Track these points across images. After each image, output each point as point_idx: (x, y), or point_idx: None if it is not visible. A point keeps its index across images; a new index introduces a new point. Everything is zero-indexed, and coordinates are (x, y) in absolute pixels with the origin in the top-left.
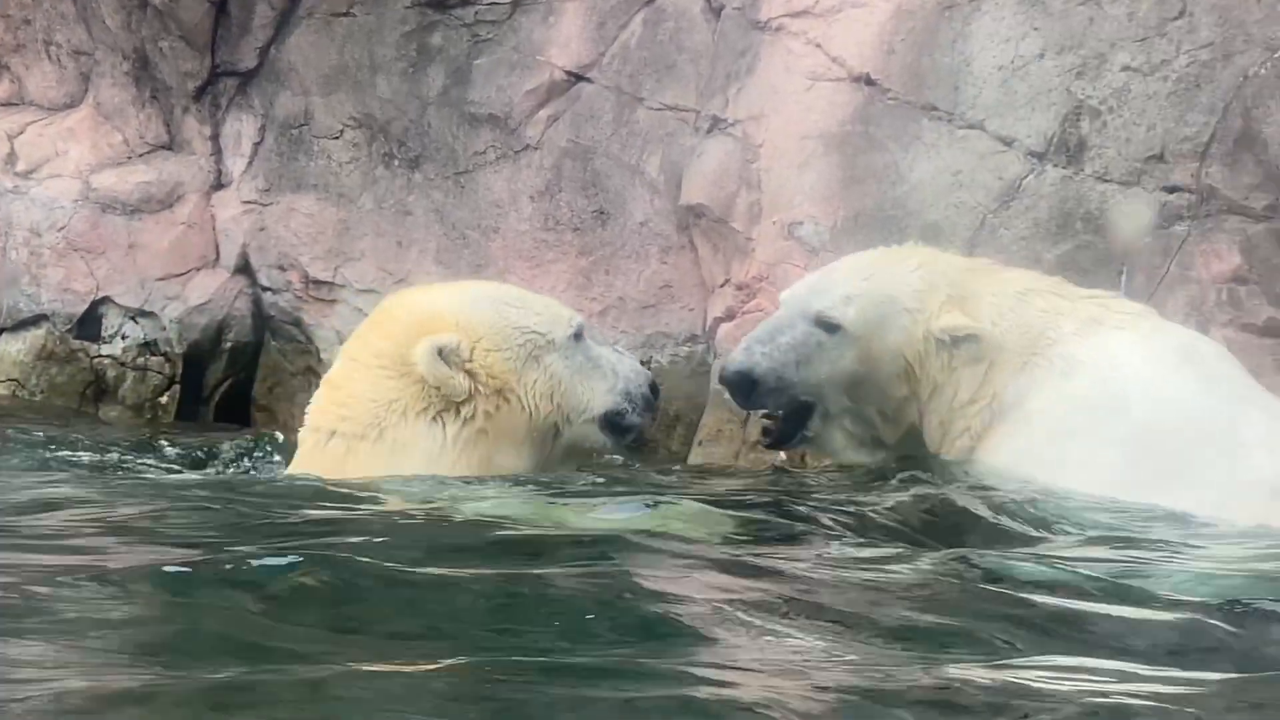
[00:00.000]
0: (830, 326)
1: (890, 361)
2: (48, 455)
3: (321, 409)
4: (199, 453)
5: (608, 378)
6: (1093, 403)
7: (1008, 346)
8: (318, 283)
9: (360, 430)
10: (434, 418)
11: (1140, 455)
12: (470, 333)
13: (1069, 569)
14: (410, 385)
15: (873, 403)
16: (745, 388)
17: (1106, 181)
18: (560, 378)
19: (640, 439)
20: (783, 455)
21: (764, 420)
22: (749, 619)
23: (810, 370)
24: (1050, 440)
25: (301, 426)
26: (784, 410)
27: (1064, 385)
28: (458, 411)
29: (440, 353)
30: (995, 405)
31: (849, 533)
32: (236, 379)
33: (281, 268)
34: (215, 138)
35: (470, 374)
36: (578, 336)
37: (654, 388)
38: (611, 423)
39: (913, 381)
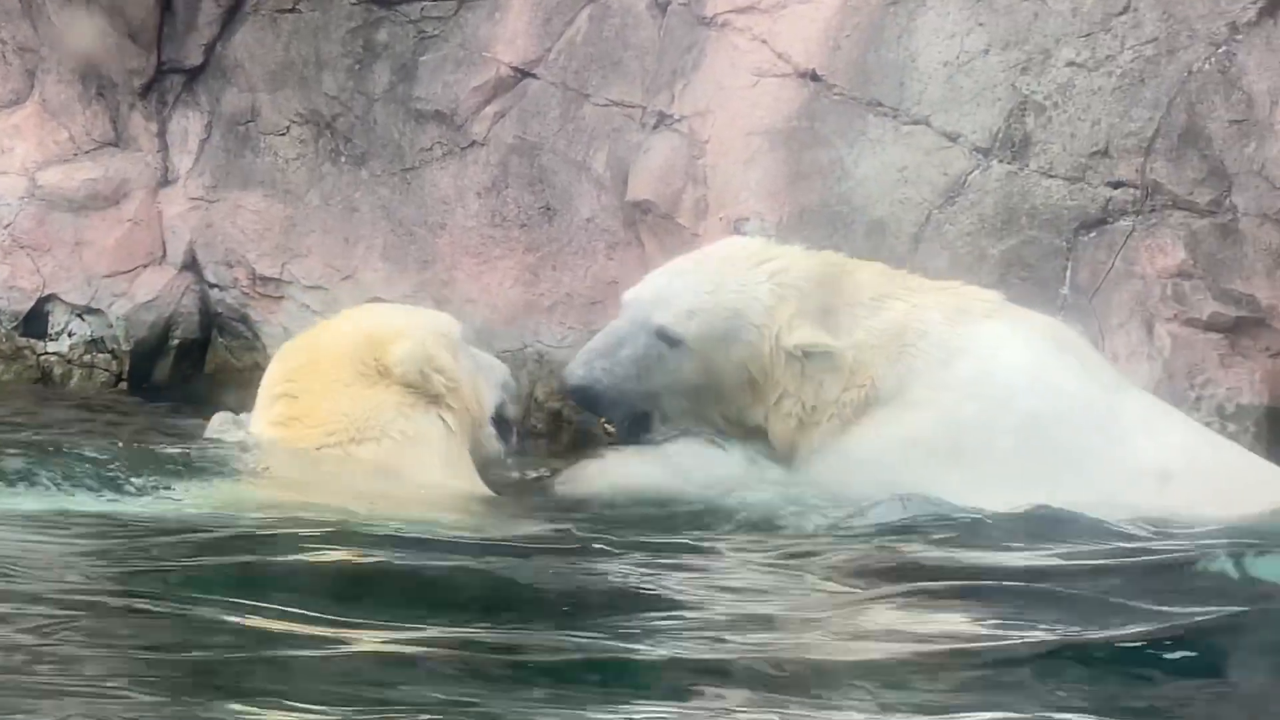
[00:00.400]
0: (671, 340)
1: (734, 373)
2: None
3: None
4: None
5: (493, 371)
6: (980, 391)
7: (873, 345)
8: (265, 279)
9: (355, 436)
10: (424, 410)
11: (1033, 445)
12: (419, 336)
13: None
14: (390, 389)
15: (715, 407)
16: (587, 402)
17: (1051, 177)
18: (471, 372)
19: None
20: None
21: (606, 424)
22: None
23: (650, 381)
24: (941, 429)
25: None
26: (626, 419)
27: (946, 373)
28: (440, 402)
29: (419, 354)
30: (871, 392)
31: None
32: (184, 376)
33: (228, 264)
34: (162, 134)
35: (439, 370)
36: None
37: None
38: (499, 418)
39: (758, 390)
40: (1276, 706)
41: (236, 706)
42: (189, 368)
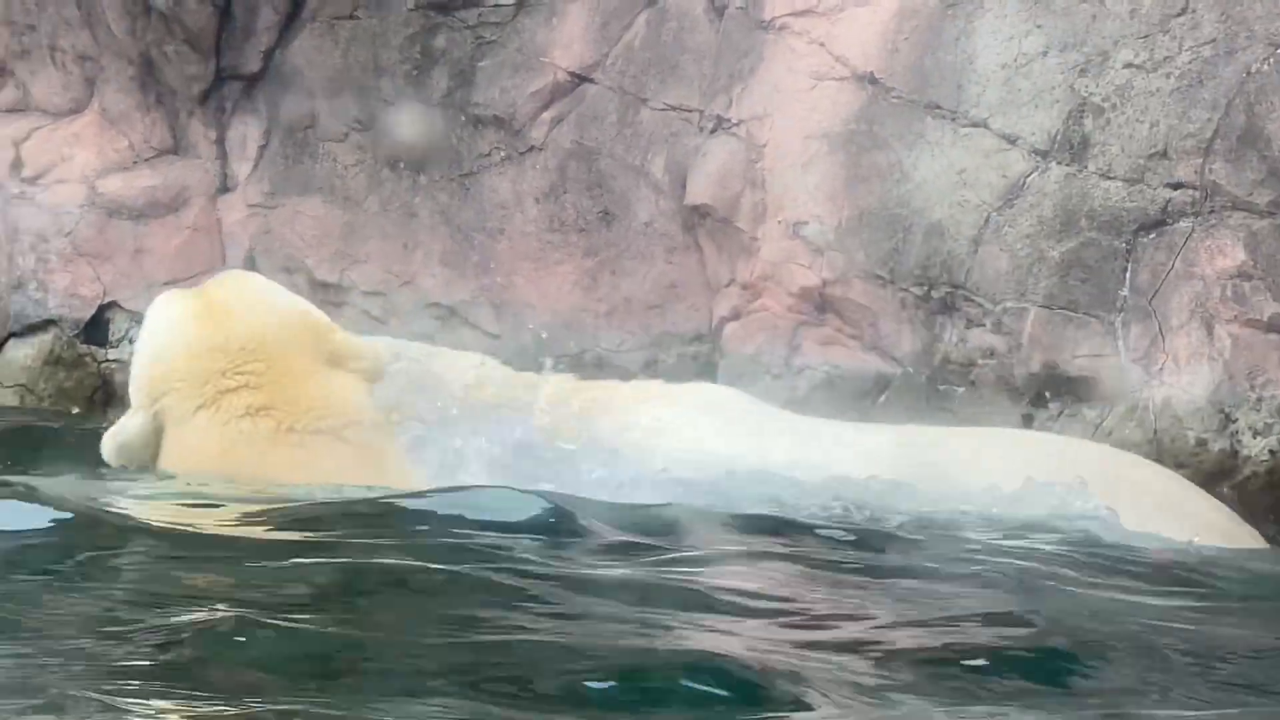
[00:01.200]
0: None
1: None
2: None
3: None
4: None
5: None
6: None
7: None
8: (324, 285)
9: (343, 421)
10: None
11: None
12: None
13: None
14: (348, 374)
15: None
16: None
17: (1110, 179)
18: None
19: None
20: None
21: None
22: None
23: None
24: None
25: None
26: None
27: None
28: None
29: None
30: None
31: None
32: None
33: (288, 271)
34: (220, 141)
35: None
36: None
37: None
38: None
39: None
40: None
41: None
42: None
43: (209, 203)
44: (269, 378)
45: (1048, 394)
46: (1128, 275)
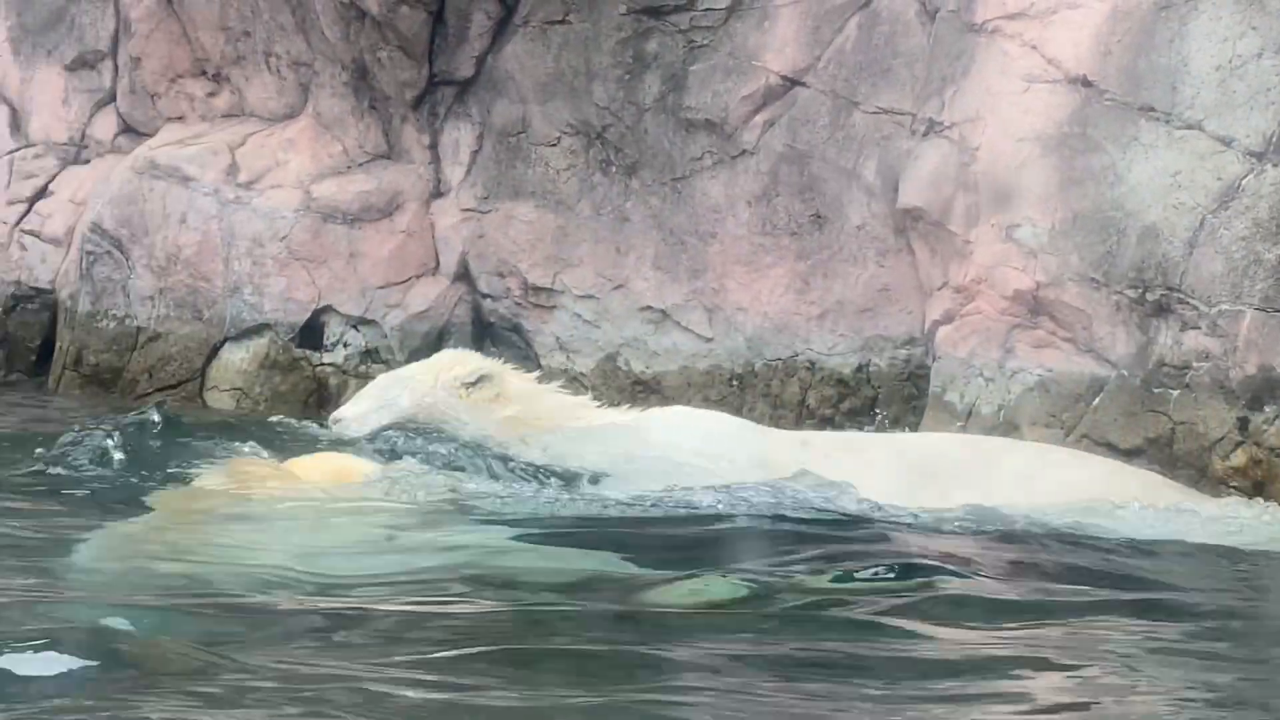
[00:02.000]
0: None
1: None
2: None
3: None
4: None
5: None
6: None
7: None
8: (537, 289)
9: None
10: None
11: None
12: None
13: None
14: None
15: None
16: None
17: None
18: None
19: None
20: None
21: None
22: None
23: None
24: None
25: None
26: None
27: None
28: None
29: None
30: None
31: None
32: None
33: (501, 275)
34: (433, 146)
35: None
36: None
37: None
38: None
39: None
40: None
41: None
42: None
43: (422, 207)
44: None
45: (1264, 397)
46: None
